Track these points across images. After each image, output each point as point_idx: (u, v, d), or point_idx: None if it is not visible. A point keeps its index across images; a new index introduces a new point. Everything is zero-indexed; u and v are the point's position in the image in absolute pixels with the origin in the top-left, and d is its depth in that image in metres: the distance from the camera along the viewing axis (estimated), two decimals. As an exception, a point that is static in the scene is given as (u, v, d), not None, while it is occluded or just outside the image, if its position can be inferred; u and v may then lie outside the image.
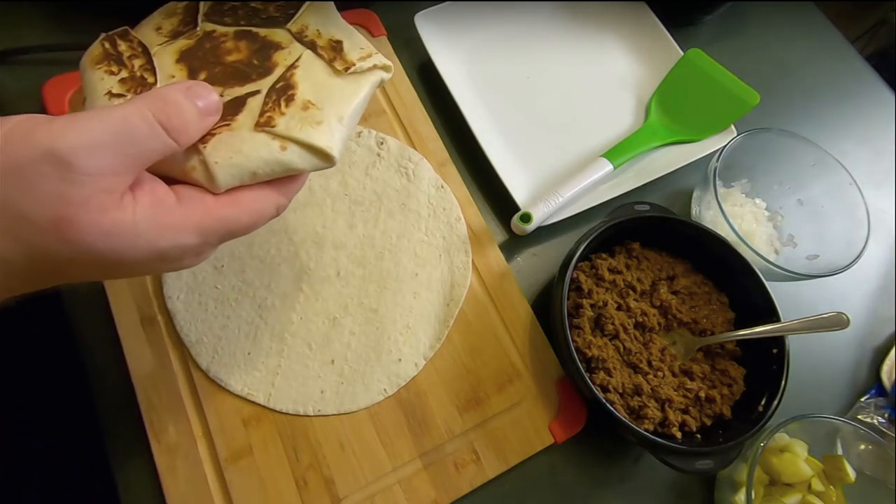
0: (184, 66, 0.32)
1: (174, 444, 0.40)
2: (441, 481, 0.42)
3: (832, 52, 0.76)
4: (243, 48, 0.33)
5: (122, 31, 0.34)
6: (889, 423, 0.54)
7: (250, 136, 0.29)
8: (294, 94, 0.31)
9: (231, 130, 0.29)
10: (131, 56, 0.33)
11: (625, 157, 0.56)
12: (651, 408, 0.44)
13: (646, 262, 0.51)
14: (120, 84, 0.31)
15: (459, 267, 0.49)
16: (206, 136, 0.29)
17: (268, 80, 0.32)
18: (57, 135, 0.23)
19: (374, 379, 0.44)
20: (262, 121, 0.30)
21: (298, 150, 0.30)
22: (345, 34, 0.34)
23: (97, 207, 0.23)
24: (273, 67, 0.32)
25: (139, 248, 0.25)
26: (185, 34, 0.34)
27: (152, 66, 0.32)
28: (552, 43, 0.64)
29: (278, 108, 0.30)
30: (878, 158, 0.70)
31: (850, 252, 0.52)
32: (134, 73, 0.32)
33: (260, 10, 0.35)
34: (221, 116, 0.30)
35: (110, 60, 0.32)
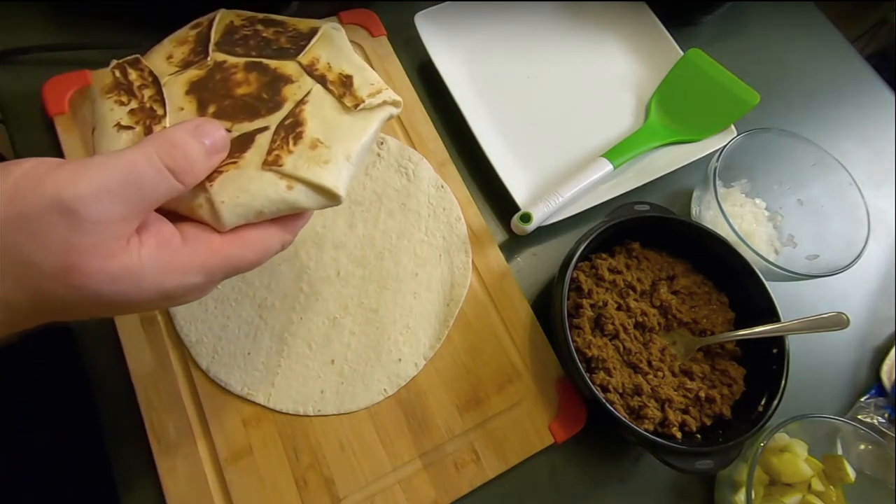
0: (193, 98, 0.32)
1: (174, 444, 0.40)
2: (441, 481, 0.42)
3: (832, 52, 0.76)
4: (253, 81, 0.33)
5: (133, 59, 0.34)
6: (889, 423, 0.54)
7: (257, 174, 0.29)
8: (303, 132, 0.31)
9: (238, 168, 0.29)
10: (141, 86, 0.33)
11: (625, 157, 0.56)
12: (651, 408, 0.44)
13: (646, 262, 0.51)
14: (129, 115, 0.31)
15: (459, 267, 0.49)
16: (214, 173, 0.29)
17: (277, 116, 0.32)
18: (65, 183, 0.23)
19: (374, 379, 0.44)
20: (270, 159, 0.30)
21: (305, 190, 0.30)
22: (355, 68, 0.34)
23: (104, 254, 0.24)
24: (282, 102, 0.32)
25: (145, 290, 0.25)
26: (195, 64, 0.34)
27: (162, 97, 0.32)
28: (552, 43, 0.64)
29: (286, 145, 0.30)
30: (878, 158, 0.71)
31: (850, 252, 0.52)
32: (143, 103, 0.32)
33: (272, 41, 0.35)
34: (229, 153, 0.30)
35: (121, 90, 0.32)
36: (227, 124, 0.31)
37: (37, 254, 0.23)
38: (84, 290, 0.24)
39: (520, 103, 0.60)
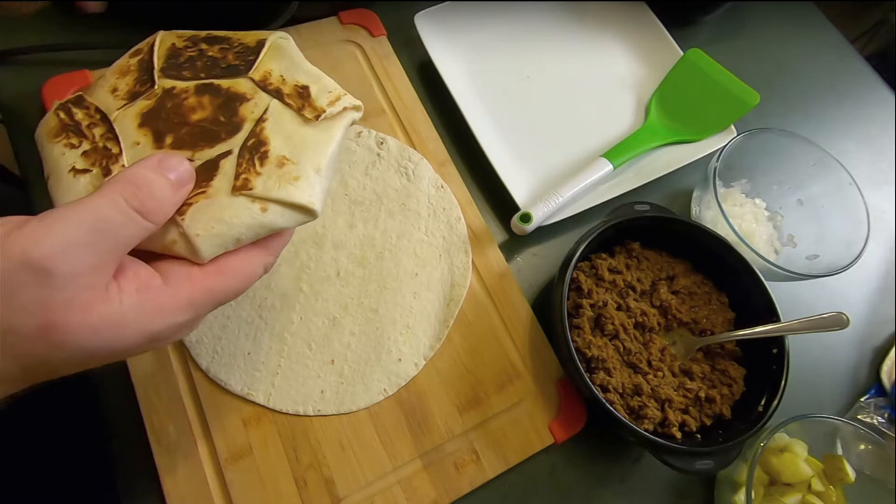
0: (147, 131, 0.30)
1: (174, 444, 0.40)
2: (441, 481, 0.42)
3: (832, 52, 0.76)
4: (207, 104, 0.31)
5: (77, 97, 0.32)
6: (889, 423, 0.54)
7: (229, 201, 0.28)
8: (267, 151, 0.30)
9: (208, 198, 0.28)
10: (90, 125, 0.31)
11: (625, 157, 0.56)
12: (651, 408, 0.44)
13: (646, 262, 0.51)
14: (83, 158, 0.30)
15: (459, 267, 0.49)
16: (184, 206, 0.28)
17: (238, 138, 0.30)
18: (30, 242, 0.22)
19: (374, 379, 0.44)
20: (239, 184, 0.28)
21: (280, 210, 0.29)
22: (310, 78, 0.33)
23: (82, 307, 0.23)
24: (241, 123, 0.31)
25: (129, 337, 0.25)
26: (143, 94, 0.32)
27: (114, 133, 0.30)
28: (552, 43, 0.64)
29: (253, 167, 0.29)
30: (878, 158, 0.71)
31: (850, 252, 0.52)
32: (96, 143, 0.30)
33: (219, 60, 0.33)
34: (196, 183, 0.28)
35: (69, 132, 0.31)
36: (188, 153, 0.29)
37: (13, 318, 0.22)
38: (67, 347, 0.23)
39: (520, 103, 0.60)
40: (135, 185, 0.25)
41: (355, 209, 0.49)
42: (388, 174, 0.51)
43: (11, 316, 0.22)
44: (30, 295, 0.22)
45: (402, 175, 0.51)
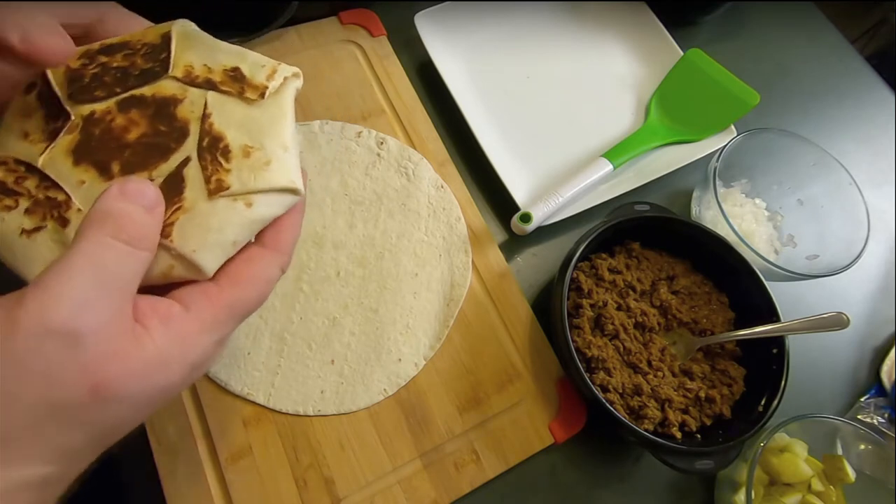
0: (88, 166, 0.27)
1: (174, 444, 0.40)
2: (441, 481, 0.42)
3: (832, 52, 0.76)
4: (138, 119, 0.28)
5: None
6: (889, 423, 0.54)
7: (210, 207, 0.26)
8: (227, 145, 0.28)
9: (187, 211, 0.26)
10: (18, 179, 0.27)
11: (625, 157, 0.56)
12: (651, 408, 0.44)
13: (646, 262, 0.51)
14: (28, 217, 0.27)
15: (459, 267, 0.49)
16: (165, 227, 0.26)
17: (190, 143, 0.28)
18: (43, 312, 0.21)
19: (374, 379, 0.44)
20: (213, 187, 0.27)
21: (265, 198, 0.27)
22: (234, 57, 0.30)
23: (119, 356, 0.23)
24: (186, 126, 0.28)
25: (175, 371, 0.24)
26: (62, 129, 0.28)
27: (51, 180, 0.27)
28: (552, 43, 0.64)
29: (220, 166, 0.27)
30: (877, 158, 0.70)
31: (850, 252, 0.52)
32: (35, 196, 0.27)
33: (128, 68, 0.29)
34: (167, 201, 0.26)
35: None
36: (145, 174, 0.27)
37: (59, 392, 0.21)
38: (122, 400, 0.23)
39: (520, 103, 0.60)
40: (112, 217, 0.24)
41: (355, 209, 0.49)
42: (388, 174, 0.51)
43: (57, 391, 0.21)
44: (65, 363, 0.21)
45: (402, 175, 0.51)
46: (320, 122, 0.52)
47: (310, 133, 0.51)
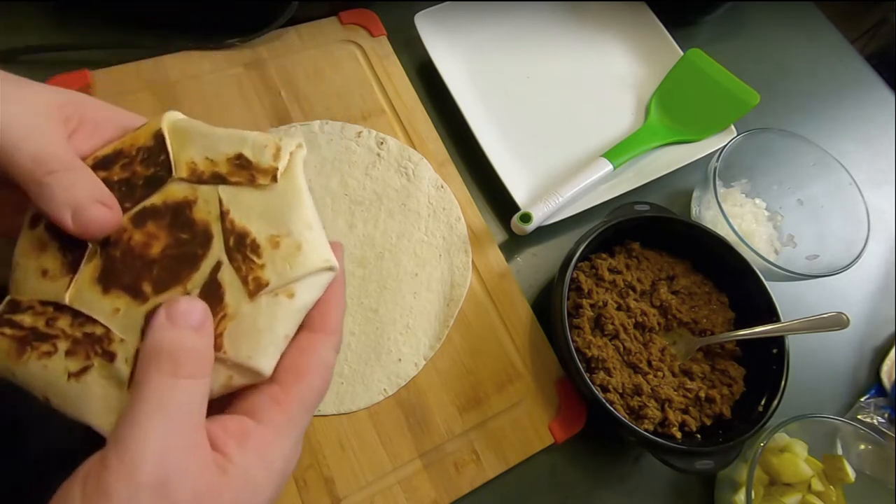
0: (119, 292, 0.26)
1: (174, 444, 0.40)
2: (441, 481, 0.42)
3: (832, 52, 0.76)
4: (156, 231, 0.27)
5: (7, 303, 0.27)
6: (889, 423, 0.54)
7: (254, 308, 0.25)
8: (254, 240, 0.26)
9: (232, 318, 0.25)
10: (49, 321, 0.26)
11: (625, 157, 0.56)
12: (651, 408, 0.44)
13: (646, 262, 0.51)
14: (72, 359, 0.26)
15: (459, 267, 0.49)
16: (215, 341, 0.25)
17: (216, 245, 0.27)
18: (129, 470, 0.21)
19: (374, 379, 0.44)
20: (252, 287, 0.26)
21: (305, 284, 0.26)
22: (234, 143, 0.28)
23: (211, 492, 0.22)
24: (207, 228, 0.27)
25: (265, 488, 0.24)
26: (82, 259, 0.27)
27: (83, 315, 0.26)
28: (552, 43, 0.64)
29: (253, 263, 0.26)
30: (877, 158, 0.71)
31: (850, 252, 0.52)
32: (73, 336, 0.26)
33: (130, 179, 0.28)
34: (212, 311, 0.25)
35: (31, 343, 0.26)
36: (180, 290, 0.26)
37: None
38: None
39: (520, 103, 0.60)
40: (168, 354, 0.23)
41: (355, 209, 0.49)
42: (388, 174, 0.51)
43: None
44: None
45: (402, 175, 0.51)
46: (320, 122, 0.52)
47: (310, 133, 0.51)
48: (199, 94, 0.50)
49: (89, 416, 0.25)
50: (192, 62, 0.51)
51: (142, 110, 0.49)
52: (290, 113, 0.52)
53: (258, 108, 0.51)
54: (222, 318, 0.25)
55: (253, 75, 0.52)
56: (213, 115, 0.50)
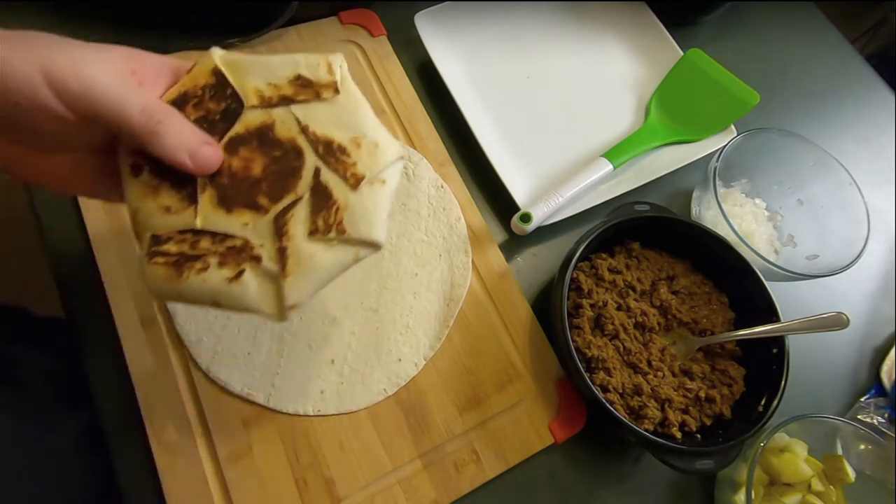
0: (241, 209, 0.30)
1: (174, 444, 0.40)
2: (441, 481, 0.42)
3: (832, 52, 0.76)
4: (250, 154, 0.31)
5: (151, 240, 0.31)
6: (889, 423, 0.54)
7: (359, 197, 0.31)
8: (340, 145, 0.31)
9: (345, 209, 0.31)
10: (193, 245, 0.30)
11: (625, 157, 0.56)
12: (651, 408, 0.44)
13: (646, 262, 0.51)
14: (226, 269, 0.30)
15: (459, 267, 0.49)
16: (338, 227, 0.30)
17: (309, 155, 0.31)
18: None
19: (374, 379, 0.44)
20: (352, 182, 0.31)
21: (390, 172, 0.32)
22: (289, 66, 0.32)
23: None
24: (294, 143, 0.31)
25: None
26: (196, 191, 0.31)
27: (221, 234, 0.30)
28: (552, 43, 0.64)
29: (346, 163, 0.31)
30: (877, 158, 0.71)
31: (850, 252, 0.52)
32: (218, 251, 0.30)
33: (208, 116, 0.31)
34: (324, 209, 0.30)
35: (185, 265, 0.30)
36: (292, 196, 0.30)
37: None
38: None
39: (520, 103, 0.60)
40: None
41: (355, 209, 0.49)
42: (388, 174, 0.51)
43: None
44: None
45: (402, 175, 0.51)
46: (320, 122, 0.52)
47: (310, 133, 0.51)
48: (199, 94, 0.50)
49: (256, 307, 0.30)
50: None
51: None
52: (290, 113, 0.52)
53: (258, 108, 0.51)
54: (337, 210, 0.30)
55: (253, 75, 0.52)
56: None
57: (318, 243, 0.30)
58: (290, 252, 0.30)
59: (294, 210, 0.30)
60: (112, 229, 0.44)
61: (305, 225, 0.30)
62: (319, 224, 0.30)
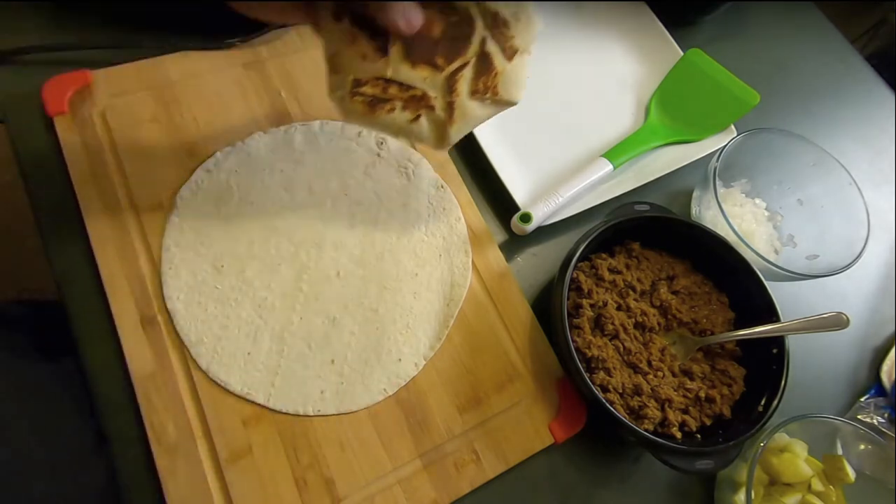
0: (422, 65, 0.37)
1: (174, 444, 0.40)
2: (441, 481, 0.42)
3: (832, 52, 0.76)
4: (432, 16, 0.36)
5: (353, 83, 0.37)
6: (889, 423, 0.54)
7: (512, 66, 0.39)
8: (504, 18, 0.38)
9: (501, 74, 0.39)
10: (384, 89, 0.37)
11: (625, 157, 0.56)
12: (651, 408, 0.44)
13: (646, 262, 0.51)
14: (407, 112, 0.38)
15: (459, 267, 0.49)
16: (493, 90, 0.39)
17: (479, 25, 0.37)
18: None
19: (374, 379, 0.44)
20: (508, 53, 0.39)
21: (533, 45, 0.40)
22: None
23: None
24: (468, 11, 0.37)
25: None
26: (388, 44, 0.36)
27: (406, 85, 0.37)
28: (552, 43, 0.64)
29: (505, 36, 0.38)
30: (877, 158, 0.71)
31: (850, 252, 0.52)
32: (403, 98, 0.38)
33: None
34: (486, 74, 0.38)
35: (376, 105, 0.38)
36: (461, 61, 0.38)
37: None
38: None
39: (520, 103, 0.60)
40: None
41: (355, 209, 0.49)
42: (388, 174, 0.51)
43: None
44: None
45: (402, 175, 0.51)
46: (320, 122, 0.52)
47: (310, 133, 0.51)
48: (199, 94, 0.50)
49: (426, 141, 0.40)
50: (192, 62, 0.51)
51: (142, 110, 0.49)
52: (290, 113, 0.52)
53: (258, 107, 0.51)
54: (495, 76, 0.38)
55: (253, 75, 0.52)
56: (213, 115, 0.50)
57: (476, 101, 0.39)
58: (457, 106, 0.38)
59: (463, 72, 0.38)
60: (112, 229, 0.44)
61: (469, 85, 0.38)
62: (480, 86, 0.38)
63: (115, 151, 0.47)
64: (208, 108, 0.50)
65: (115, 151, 0.47)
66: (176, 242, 0.45)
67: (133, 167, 0.46)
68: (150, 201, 0.46)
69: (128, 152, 0.47)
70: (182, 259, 0.44)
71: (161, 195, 0.46)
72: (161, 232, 0.45)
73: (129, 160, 0.47)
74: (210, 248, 0.45)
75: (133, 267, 0.44)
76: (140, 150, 0.47)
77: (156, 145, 0.48)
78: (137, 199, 0.46)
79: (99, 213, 0.45)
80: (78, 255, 0.44)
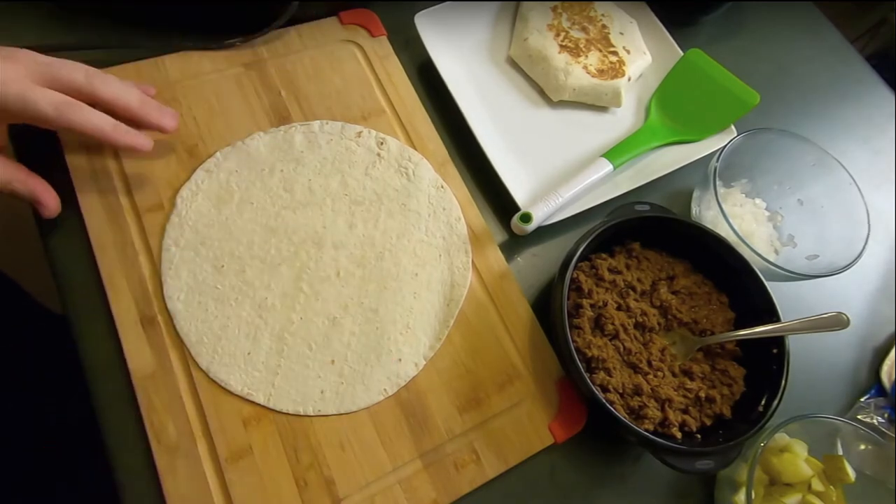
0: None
1: (174, 444, 0.40)
2: (441, 481, 0.42)
3: (832, 52, 0.76)
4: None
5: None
6: (889, 423, 0.54)
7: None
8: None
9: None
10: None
11: (625, 157, 0.56)
12: (651, 408, 0.44)
13: (646, 262, 0.51)
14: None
15: (459, 267, 0.49)
16: None
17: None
18: None
19: (374, 379, 0.44)
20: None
21: None
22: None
23: None
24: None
25: None
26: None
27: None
28: (552, 43, 0.64)
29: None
30: (877, 158, 0.71)
31: (850, 252, 0.52)
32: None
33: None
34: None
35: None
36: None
37: None
38: None
39: (520, 103, 0.60)
40: None
41: (355, 209, 0.49)
42: (388, 174, 0.51)
43: None
44: None
45: (402, 175, 0.51)
46: (320, 123, 0.52)
47: (310, 133, 0.51)
48: (199, 94, 0.50)
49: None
50: (192, 62, 0.51)
51: (142, 110, 0.48)
52: (291, 113, 0.52)
53: (258, 108, 0.51)
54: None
55: (253, 75, 0.52)
56: (213, 115, 0.50)
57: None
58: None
59: None
60: (112, 229, 0.44)
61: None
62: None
63: (115, 151, 0.47)
64: (208, 108, 0.50)
65: (115, 151, 0.47)
66: (176, 242, 0.45)
67: (133, 167, 0.46)
68: (150, 201, 0.46)
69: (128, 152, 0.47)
70: (182, 259, 0.45)
71: (161, 195, 0.46)
72: (161, 232, 0.45)
73: (129, 160, 0.47)
74: (210, 248, 0.45)
75: (133, 267, 0.44)
76: (140, 150, 0.47)
77: (156, 145, 0.48)
78: (137, 199, 0.46)
79: (99, 213, 0.45)
80: (78, 255, 0.44)
